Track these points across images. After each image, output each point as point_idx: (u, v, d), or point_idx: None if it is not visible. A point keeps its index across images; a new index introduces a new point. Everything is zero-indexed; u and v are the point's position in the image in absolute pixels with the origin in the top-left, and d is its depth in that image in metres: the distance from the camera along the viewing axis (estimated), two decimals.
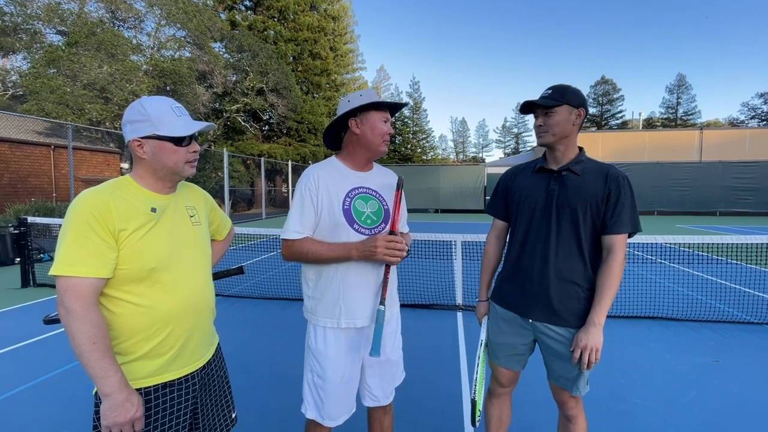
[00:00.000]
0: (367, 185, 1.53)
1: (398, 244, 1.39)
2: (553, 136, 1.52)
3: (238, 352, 3.35)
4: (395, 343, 1.61)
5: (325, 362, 1.47)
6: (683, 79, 47.56)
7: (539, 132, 1.55)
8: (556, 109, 1.50)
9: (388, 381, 1.60)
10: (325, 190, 1.45)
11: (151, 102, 1.13)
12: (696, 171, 18.42)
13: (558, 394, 1.62)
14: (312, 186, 1.44)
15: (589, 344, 1.41)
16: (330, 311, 1.47)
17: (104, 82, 14.58)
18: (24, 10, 15.37)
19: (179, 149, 1.14)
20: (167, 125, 1.11)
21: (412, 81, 61.43)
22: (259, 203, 20.14)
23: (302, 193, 1.45)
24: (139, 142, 1.11)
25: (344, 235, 1.44)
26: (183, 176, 1.20)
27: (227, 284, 5.41)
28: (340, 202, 1.45)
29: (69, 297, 0.98)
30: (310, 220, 1.44)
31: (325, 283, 1.47)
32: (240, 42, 21.29)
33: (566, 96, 1.51)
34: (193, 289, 1.19)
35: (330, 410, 1.49)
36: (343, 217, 1.44)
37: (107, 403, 0.99)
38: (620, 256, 1.46)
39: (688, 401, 2.58)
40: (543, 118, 1.53)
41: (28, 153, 13.63)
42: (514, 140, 61.17)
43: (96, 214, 1.02)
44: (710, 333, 3.80)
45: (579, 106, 1.52)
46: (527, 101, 1.55)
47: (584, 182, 1.51)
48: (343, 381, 1.49)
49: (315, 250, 1.41)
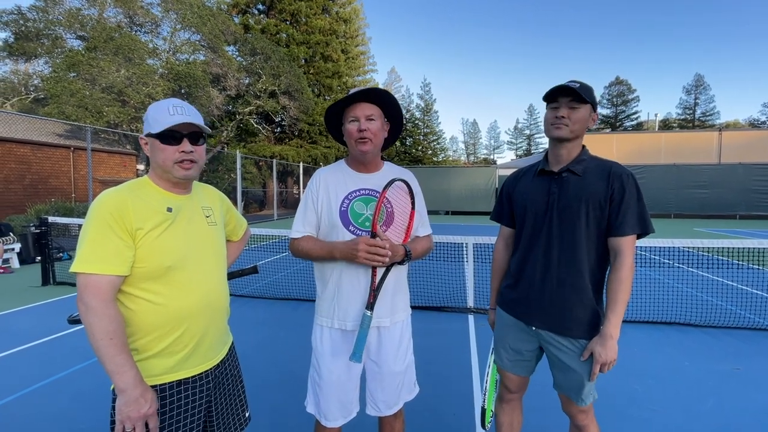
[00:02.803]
0: (371, 187, 1.51)
1: (380, 249, 1.33)
2: (571, 132, 1.44)
3: (251, 352, 3.39)
4: (398, 353, 1.52)
5: (322, 360, 1.50)
6: (701, 80, 46.46)
7: (559, 123, 1.44)
8: (583, 106, 1.43)
9: (390, 392, 1.53)
10: (324, 192, 1.49)
11: (156, 103, 1.17)
12: (715, 173, 17.94)
13: (566, 406, 1.57)
14: (313, 188, 1.52)
15: (608, 359, 1.36)
16: (327, 310, 1.50)
17: (122, 85, 14.92)
18: (46, 16, 15.84)
19: (166, 147, 1.14)
20: (158, 123, 1.13)
21: (423, 83, 61.41)
22: (271, 204, 20.33)
23: (306, 195, 1.54)
24: (144, 141, 1.18)
25: (340, 236, 1.45)
26: (176, 177, 1.16)
27: (239, 285, 5.47)
28: (338, 204, 1.47)
29: (88, 293, 1.01)
30: (312, 220, 1.50)
31: (324, 283, 1.51)
32: (253, 45, 21.58)
33: (590, 95, 1.45)
34: (207, 288, 1.21)
35: (326, 409, 1.50)
36: (339, 218, 1.46)
37: (122, 399, 1.01)
38: (628, 260, 1.38)
39: (707, 409, 2.51)
40: (569, 111, 1.43)
41: (49, 155, 14.01)
42: (526, 142, 60.53)
43: (115, 213, 1.05)
44: (730, 339, 3.69)
45: (596, 110, 1.49)
46: (560, 86, 1.42)
47: (585, 182, 1.44)
48: (338, 382, 1.48)
49: (308, 249, 1.47)
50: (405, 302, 1.58)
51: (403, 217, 1.53)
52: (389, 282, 1.45)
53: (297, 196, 23.03)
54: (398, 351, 1.53)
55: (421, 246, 1.55)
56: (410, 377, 1.60)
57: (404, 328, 1.57)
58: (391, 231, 1.48)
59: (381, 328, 1.49)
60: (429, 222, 1.67)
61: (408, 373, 1.59)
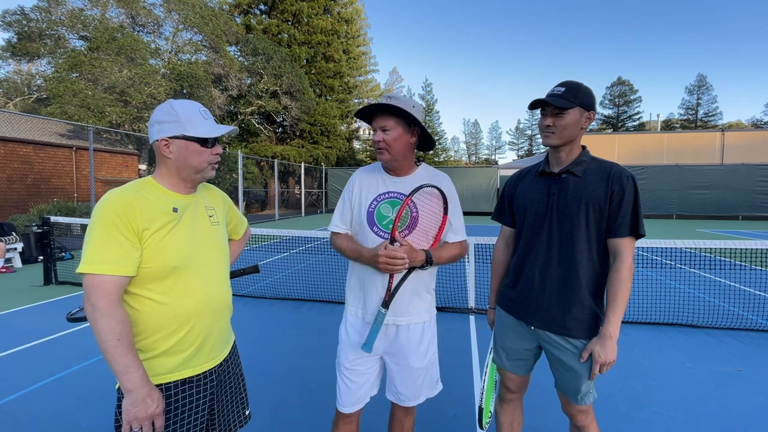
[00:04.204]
0: (400, 190, 1.53)
1: (396, 257, 1.37)
2: (560, 139, 1.45)
3: (252, 350, 3.39)
4: (418, 351, 1.55)
5: (342, 348, 1.59)
6: (704, 80, 46.36)
7: (546, 132, 1.48)
8: (568, 111, 1.41)
9: (410, 386, 1.58)
10: (358, 192, 1.59)
11: (180, 104, 1.17)
12: (717, 174, 17.90)
13: (566, 406, 1.58)
14: (350, 186, 1.62)
15: (608, 360, 1.36)
16: (355, 300, 1.59)
17: (124, 85, 14.97)
18: (49, 17, 15.90)
19: (204, 150, 1.18)
20: (195, 126, 1.15)
21: (424, 83, 61.46)
22: (273, 204, 20.35)
23: (344, 192, 1.64)
24: (166, 142, 1.15)
25: (365, 235, 1.53)
26: (205, 177, 1.23)
27: (241, 284, 5.48)
28: (367, 205, 1.55)
29: (95, 294, 1.01)
30: (347, 216, 1.60)
31: (353, 275, 1.60)
32: (254, 45, 21.62)
33: (579, 96, 1.42)
34: (212, 287, 1.22)
35: (342, 395, 1.57)
36: (366, 219, 1.53)
37: (129, 399, 1.01)
38: (627, 260, 1.38)
39: (709, 410, 2.50)
40: (553, 119, 1.44)
41: (51, 154, 14.06)
42: (527, 142, 60.47)
43: (121, 214, 1.05)
44: (732, 341, 3.68)
45: (590, 109, 1.45)
46: (537, 100, 1.46)
47: (584, 184, 1.44)
48: (354, 368, 1.55)
49: (342, 247, 1.57)
50: (426, 305, 1.59)
51: (430, 222, 1.53)
52: (407, 285, 1.48)
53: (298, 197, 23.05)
54: (417, 349, 1.55)
55: (448, 252, 1.54)
56: (432, 375, 1.63)
57: (425, 328, 1.58)
58: (414, 235, 1.50)
59: (399, 327, 1.53)
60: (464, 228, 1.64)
61: (430, 371, 1.61)
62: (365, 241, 1.52)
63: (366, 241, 1.51)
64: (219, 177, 17.23)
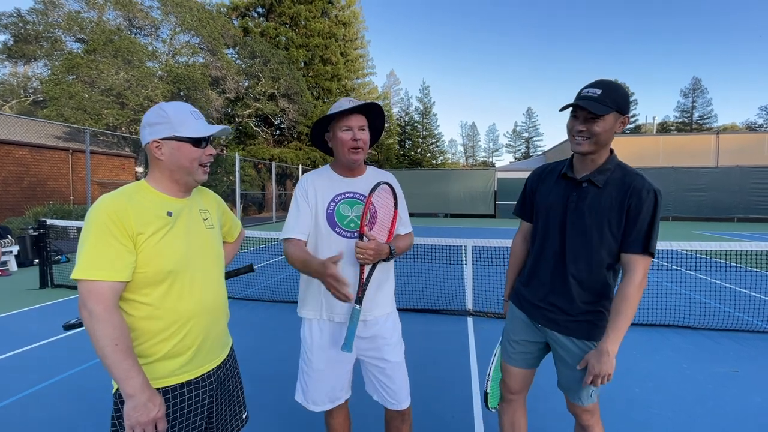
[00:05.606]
0: (356, 190, 1.59)
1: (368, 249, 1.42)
2: (593, 146, 1.34)
3: (248, 353, 3.38)
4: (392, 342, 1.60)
5: (310, 351, 1.58)
6: (698, 83, 46.75)
7: (578, 138, 1.35)
8: (603, 116, 1.29)
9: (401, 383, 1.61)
10: (314, 195, 1.57)
11: (171, 105, 1.17)
12: (712, 176, 18.02)
13: (571, 405, 1.59)
14: (303, 189, 1.59)
15: (601, 373, 1.34)
16: (313, 304, 1.58)
17: (121, 87, 14.94)
18: (45, 19, 15.87)
19: (197, 150, 1.18)
20: (186, 126, 1.15)
21: (422, 86, 61.42)
22: (270, 207, 20.32)
23: (296, 197, 1.60)
24: (157, 144, 1.14)
25: (327, 237, 1.53)
26: (197, 179, 1.21)
27: (238, 287, 5.46)
28: (325, 207, 1.56)
29: (91, 300, 1.00)
30: (306, 220, 1.55)
31: (308, 279, 1.56)
32: (252, 48, 21.64)
33: (617, 100, 1.30)
34: (208, 290, 1.22)
35: (313, 395, 1.59)
36: (326, 220, 1.54)
37: (130, 404, 1.01)
38: (636, 278, 1.32)
39: (706, 411, 2.51)
40: (587, 124, 1.31)
41: (48, 157, 14.00)
42: (524, 145, 60.70)
43: (115, 218, 1.04)
44: (729, 342, 3.70)
45: (626, 113, 1.33)
46: (576, 104, 1.32)
47: (603, 197, 1.38)
48: (327, 370, 1.56)
49: (290, 254, 1.51)
50: (390, 297, 1.66)
51: (386, 217, 1.60)
52: (374, 278, 1.52)
53: None
54: (391, 340, 1.61)
55: (403, 243, 1.65)
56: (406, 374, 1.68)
57: (395, 320, 1.67)
58: (375, 230, 1.56)
59: (367, 321, 1.56)
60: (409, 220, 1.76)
61: (405, 369, 1.66)
62: (327, 244, 1.53)
63: (329, 244, 1.52)
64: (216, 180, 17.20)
